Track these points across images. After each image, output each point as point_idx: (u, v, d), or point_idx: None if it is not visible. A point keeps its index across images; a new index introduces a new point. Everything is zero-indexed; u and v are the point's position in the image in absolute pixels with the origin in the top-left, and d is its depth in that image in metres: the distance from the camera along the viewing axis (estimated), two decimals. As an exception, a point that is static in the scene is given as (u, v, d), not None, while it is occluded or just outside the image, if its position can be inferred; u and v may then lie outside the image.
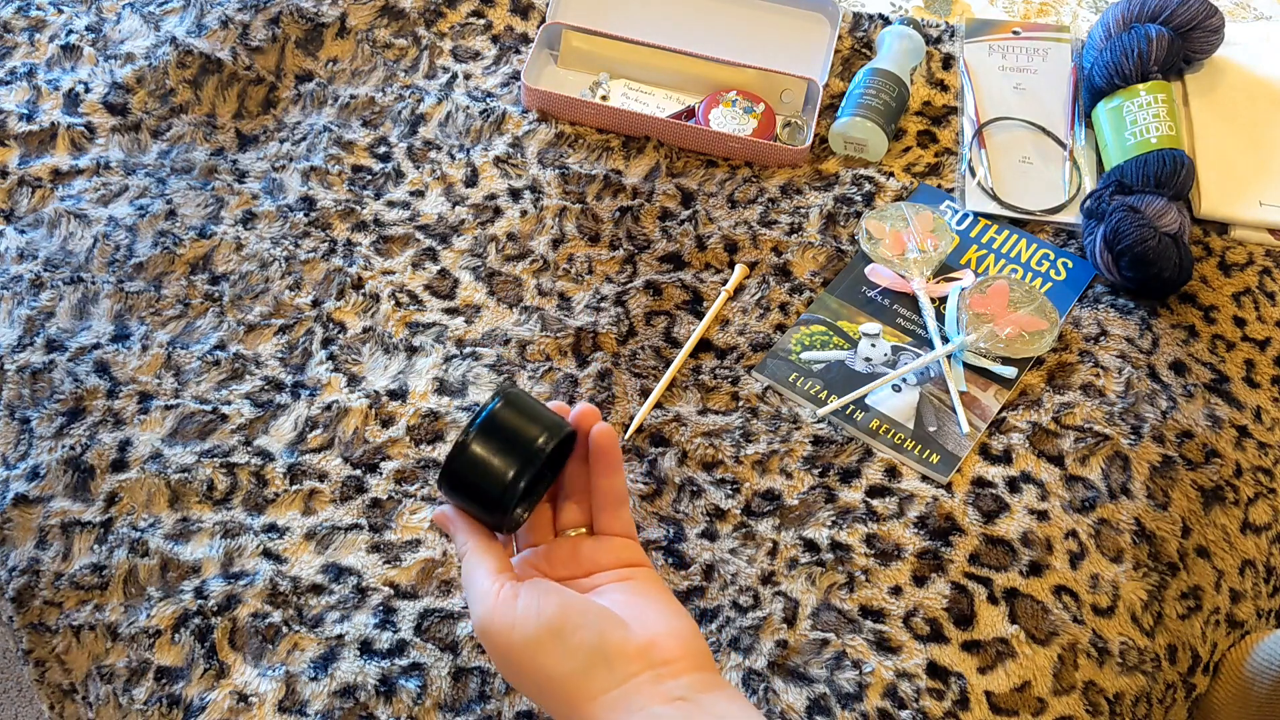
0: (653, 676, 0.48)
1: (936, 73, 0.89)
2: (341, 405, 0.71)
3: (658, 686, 0.47)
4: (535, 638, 0.48)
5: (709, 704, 0.47)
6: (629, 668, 0.48)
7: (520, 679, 0.49)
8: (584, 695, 0.47)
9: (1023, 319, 0.74)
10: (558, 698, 0.48)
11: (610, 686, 0.47)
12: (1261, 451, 0.72)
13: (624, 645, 0.48)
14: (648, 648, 0.49)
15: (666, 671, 0.48)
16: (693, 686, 0.48)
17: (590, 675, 0.48)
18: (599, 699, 0.47)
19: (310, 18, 0.89)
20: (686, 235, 0.80)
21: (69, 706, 0.62)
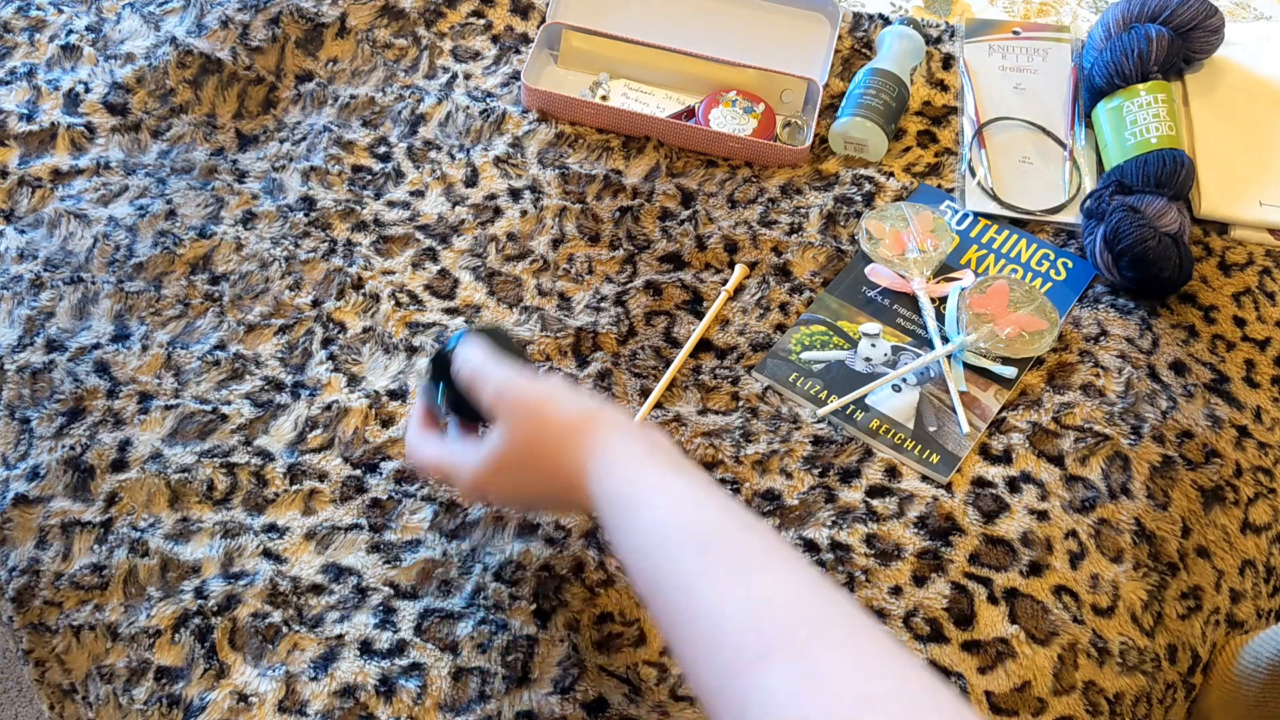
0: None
1: (936, 73, 0.89)
2: (341, 405, 0.71)
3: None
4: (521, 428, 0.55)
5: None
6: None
7: (525, 475, 0.55)
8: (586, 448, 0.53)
9: (1023, 319, 0.74)
10: (561, 474, 0.53)
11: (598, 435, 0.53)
12: (1261, 451, 0.72)
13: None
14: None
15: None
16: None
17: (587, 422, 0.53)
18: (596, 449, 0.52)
19: (310, 18, 0.89)
20: (686, 235, 0.80)
21: (69, 706, 0.62)
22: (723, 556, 0.46)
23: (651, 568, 0.47)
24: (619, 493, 0.50)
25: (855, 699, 0.38)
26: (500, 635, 0.62)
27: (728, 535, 0.47)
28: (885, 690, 0.39)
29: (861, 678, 0.39)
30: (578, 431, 0.53)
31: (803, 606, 0.43)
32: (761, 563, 0.45)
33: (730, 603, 0.43)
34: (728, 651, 0.42)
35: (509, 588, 0.64)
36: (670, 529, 0.48)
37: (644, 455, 0.51)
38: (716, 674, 0.42)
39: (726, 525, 0.47)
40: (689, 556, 0.46)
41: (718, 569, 0.45)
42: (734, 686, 0.41)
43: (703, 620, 0.44)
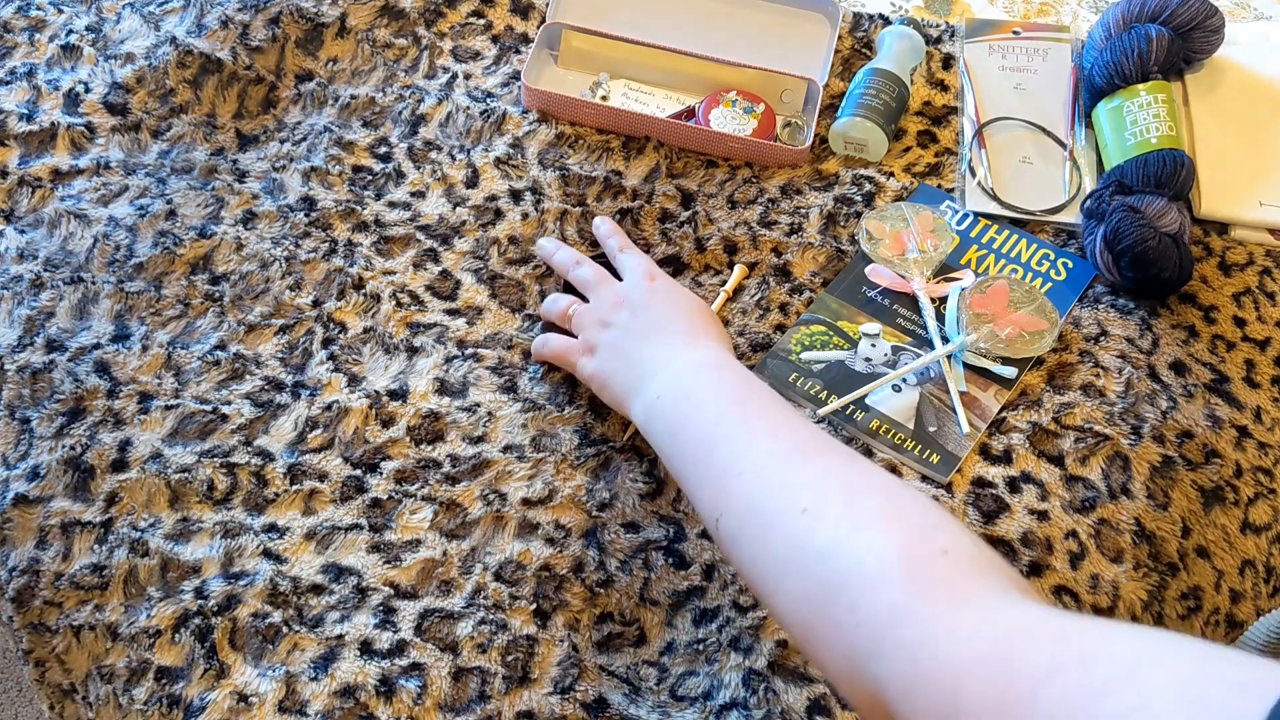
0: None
1: (936, 73, 0.89)
2: (342, 405, 0.71)
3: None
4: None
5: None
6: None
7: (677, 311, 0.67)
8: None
9: (1023, 319, 0.74)
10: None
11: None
12: (1261, 451, 0.72)
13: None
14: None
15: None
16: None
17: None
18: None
19: (310, 18, 0.89)
20: (686, 238, 0.80)
21: (69, 706, 0.62)
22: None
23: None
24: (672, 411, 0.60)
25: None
26: (500, 635, 0.62)
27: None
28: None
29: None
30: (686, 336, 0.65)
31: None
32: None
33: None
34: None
35: (509, 588, 0.64)
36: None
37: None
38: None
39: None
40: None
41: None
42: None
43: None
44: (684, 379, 0.61)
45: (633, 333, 0.66)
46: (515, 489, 0.68)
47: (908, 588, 0.42)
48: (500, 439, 0.70)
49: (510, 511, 0.67)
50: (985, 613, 0.40)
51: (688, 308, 0.68)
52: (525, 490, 0.68)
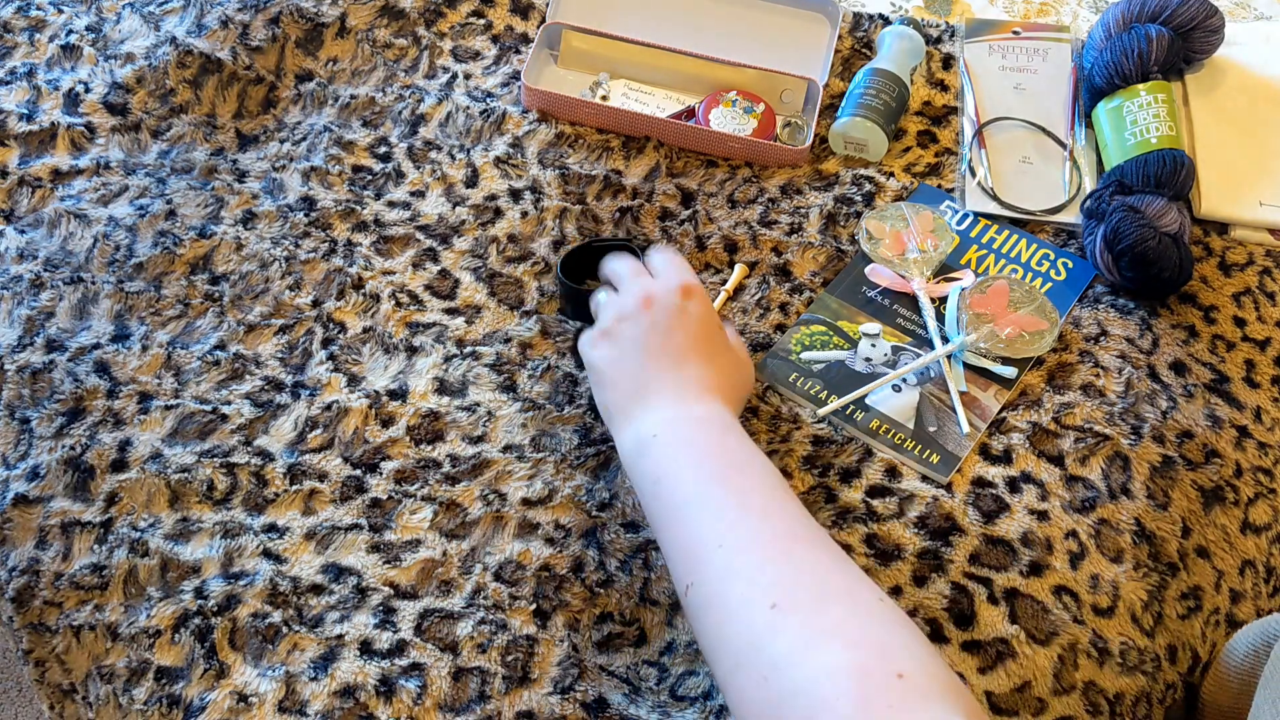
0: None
1: (936, 73, 0.89)
2: (341, 405, 0.71)
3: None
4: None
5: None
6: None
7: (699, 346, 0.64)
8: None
9: (1023, 319, 0.74)
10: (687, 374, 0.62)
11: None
12: (1261, 451, 0.72)
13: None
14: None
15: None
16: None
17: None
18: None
19: (310, 18, 0.89)
20: (686, 235, 0.80)
21: (69, 706, 0.62)
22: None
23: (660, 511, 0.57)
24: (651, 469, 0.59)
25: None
26: (500, 635, 0.62)
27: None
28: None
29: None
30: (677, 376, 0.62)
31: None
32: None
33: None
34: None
35: (509, 588, 0.64)
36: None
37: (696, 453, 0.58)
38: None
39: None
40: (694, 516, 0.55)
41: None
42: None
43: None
44: (685, 428, 0.59)
45: (650, 345, 0.63)
46: (515, 489, 0.68)
47: (857, 713, 0.42)
48: (500, 439, 0.70)
49: (510, 511, 0.67)
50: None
51: (712, 347, 0.64)
52: (525, 490, 0.68)
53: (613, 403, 0.63)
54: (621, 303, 0.66)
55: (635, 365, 0.63)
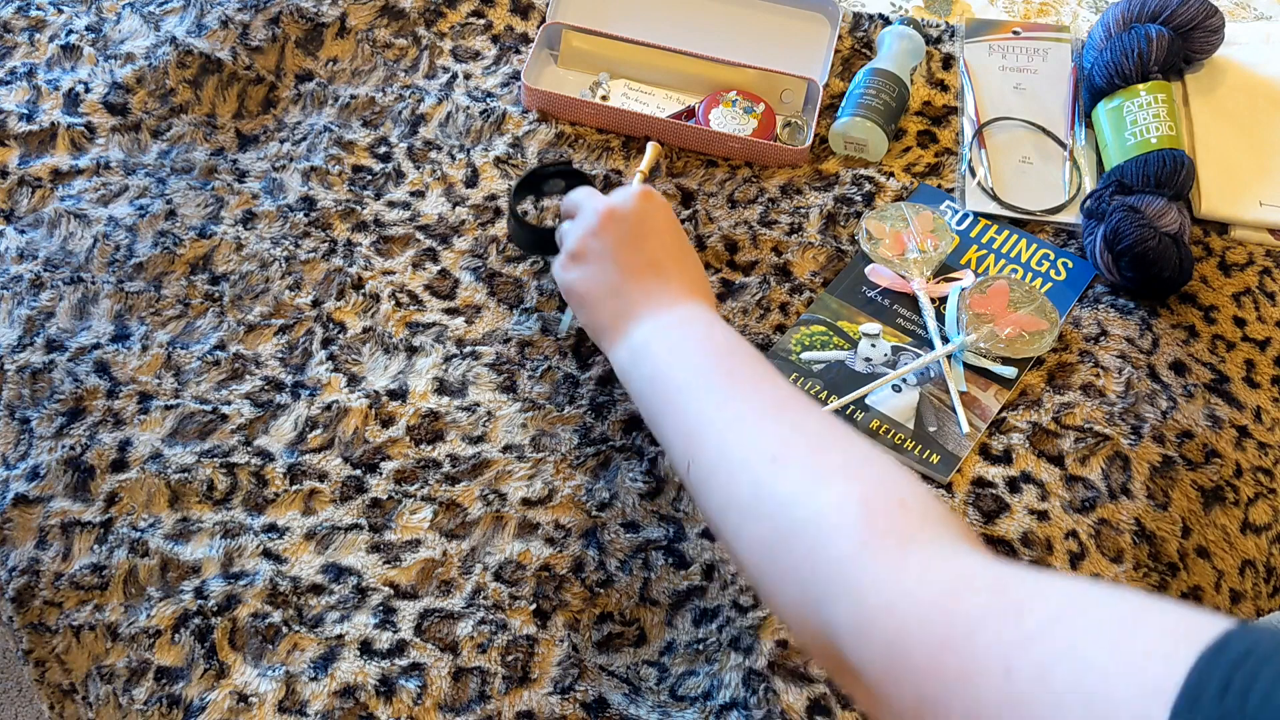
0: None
1: (936, 73, 0.89)
2: (341, 405, 0.71)
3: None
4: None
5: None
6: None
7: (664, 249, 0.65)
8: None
9: (1023, 319, 0.74)
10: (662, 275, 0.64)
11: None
12: (1261, 451, 0.72)
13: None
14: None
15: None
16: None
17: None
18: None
19: (310, 18, 0.89)
20: (687, 234, 0.80)
21: (69, 706, 0.62)
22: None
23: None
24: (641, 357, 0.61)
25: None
26: (500, 635, 0.62)
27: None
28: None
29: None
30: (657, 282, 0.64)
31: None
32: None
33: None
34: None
35: (509, 588, 0.64)
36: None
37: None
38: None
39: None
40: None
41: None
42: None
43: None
44: (674, 330, 0.61)
45: (624, 259, 0.64)
46: (515, 489, 0.68)
47: (863, 535, 0.44)
48: (500, 439, 0.70)
49: (510, 511, 0.67)
50: (932, 560, 0.42)
51: (681, 250, 0.66)
52: (525, 490, 0.68)
53: (598, 322, 0.64)
54: (585, 222, 0.66)
55: (614, 280, 0.64)
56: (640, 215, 0.65)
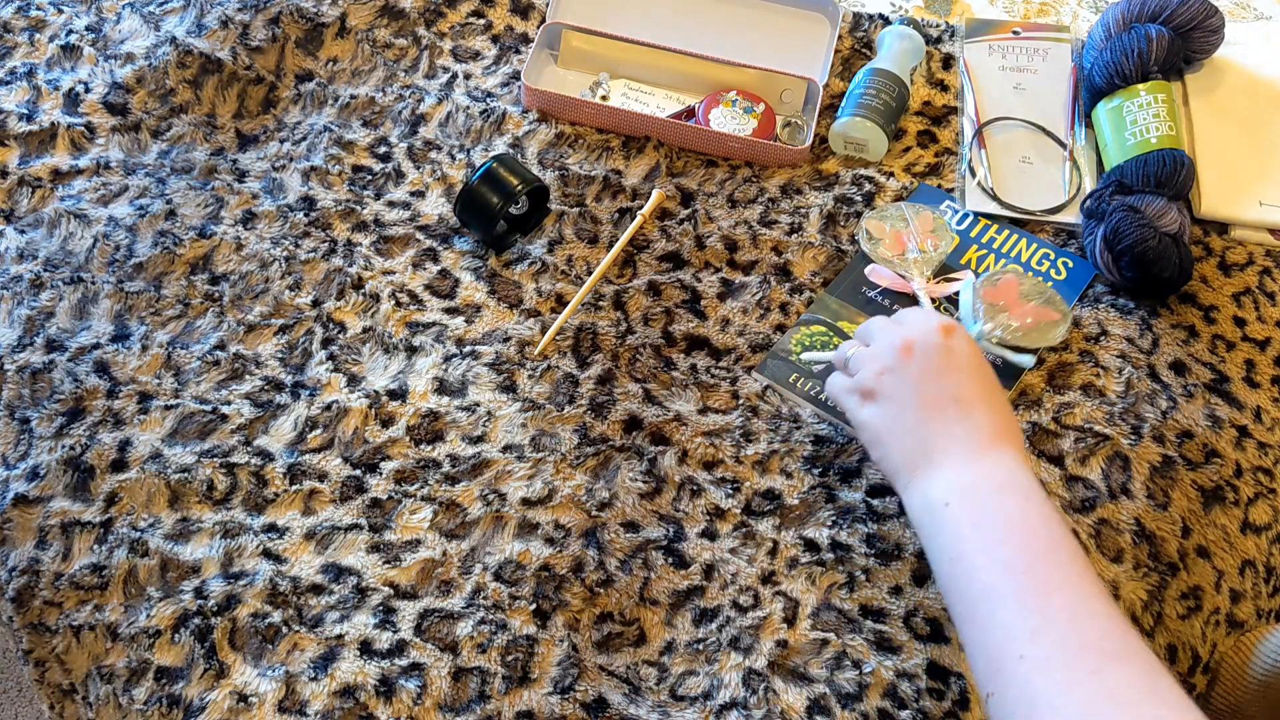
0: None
1: (936, 73, 0.89)
2: (341, 405, 0.71)
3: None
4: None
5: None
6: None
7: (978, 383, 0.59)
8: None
9: (1035, 310, 0.74)
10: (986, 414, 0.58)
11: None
12: (1261, 451, 0.72)
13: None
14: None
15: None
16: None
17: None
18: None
19: (310, 18, 0.89)
20: (686, 235, 0.80)
21: (69, 706, 0.62)
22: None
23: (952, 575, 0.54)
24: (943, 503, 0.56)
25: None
26: (500, 635, 0.62)
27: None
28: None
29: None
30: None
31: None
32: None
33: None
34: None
35: (509, 588, 0.64)
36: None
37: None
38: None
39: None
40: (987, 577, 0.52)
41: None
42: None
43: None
44: (979, 495, 0.55)
45: (921, 395, 0.59)
46: (515, 489, 0.68)
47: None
48: (500, 439, 0.70)
49: (510, 511, 0.67)
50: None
51: (986, 386, 0.59)
52: (525, 490, 0.68)
53: (892, 462, 0.59)
54: (881, 357, 0.61)
55: (912, 420, 0.58)
56: (943, 349, 0.59)
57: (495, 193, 0.76)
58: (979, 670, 0.50)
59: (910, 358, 0.60)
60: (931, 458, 0.57)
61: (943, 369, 0.59)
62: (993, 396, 0.59)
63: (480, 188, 0.76)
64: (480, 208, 0.76)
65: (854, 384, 0.63)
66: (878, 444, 0.60)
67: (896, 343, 0.61)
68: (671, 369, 0.74)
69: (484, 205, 0.76)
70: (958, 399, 0.58)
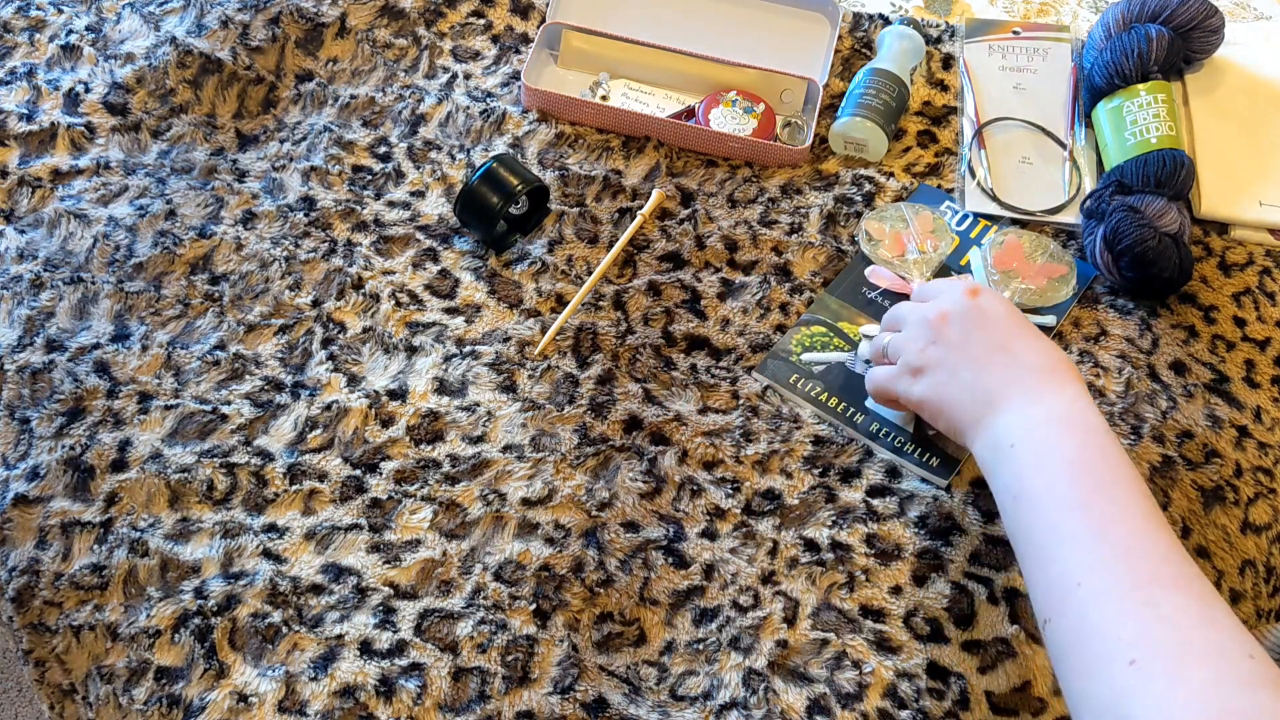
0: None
1: (936, 73, 0.89)
2: (341, 405, 0.71)
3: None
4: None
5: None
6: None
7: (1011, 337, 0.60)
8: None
9: (1044, 268, 0.76)
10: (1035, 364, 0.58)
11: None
12: (1261, 451, 0.72)
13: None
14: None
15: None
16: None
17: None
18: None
19: (310, 18, 0.89)
20: (686, 235, 0.80)
21: (69, 706, 0.62)
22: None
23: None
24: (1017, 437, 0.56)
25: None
26: (500, 635, 0.62)
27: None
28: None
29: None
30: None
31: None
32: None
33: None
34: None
35: (509, 588, 0.64)
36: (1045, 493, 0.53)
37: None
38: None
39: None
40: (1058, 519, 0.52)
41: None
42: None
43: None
44: (1041, 433, 0.56)
45: (968, 353, 0.60)
46: (515, 489, 0.68)
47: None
48: (500, 439, 0.70)
49: (510, 511, 0.67)
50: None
51: (1027, 331, 0.60)
52: (525, 490, 0.68)
53: (958, 423, 0.60)
54: (918, 334, 0.63)
55: (968, 378, 0.60)
56: (975, 310, 0.61)
57: (495, 193, 0.76)
58: (1038, 600, 0.51)
59: (947, 324, 0.61)
60: (994, 405, 0.58)
61: (982, 325, 0.61)
62: (1038, 339, 0.60)
63: (480, 188, 0.76)
64: (480, 208, 0.76)
65: (900, 367, 0.64)
66: (940, 414, 0.61)
67: (930, 316, 0.62)
68: (671, 369, 0.74)
69: (484, 205, 0.76)
70: (1004, 347, 0.59)
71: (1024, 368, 0.58)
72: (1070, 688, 0.48)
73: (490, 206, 0.75)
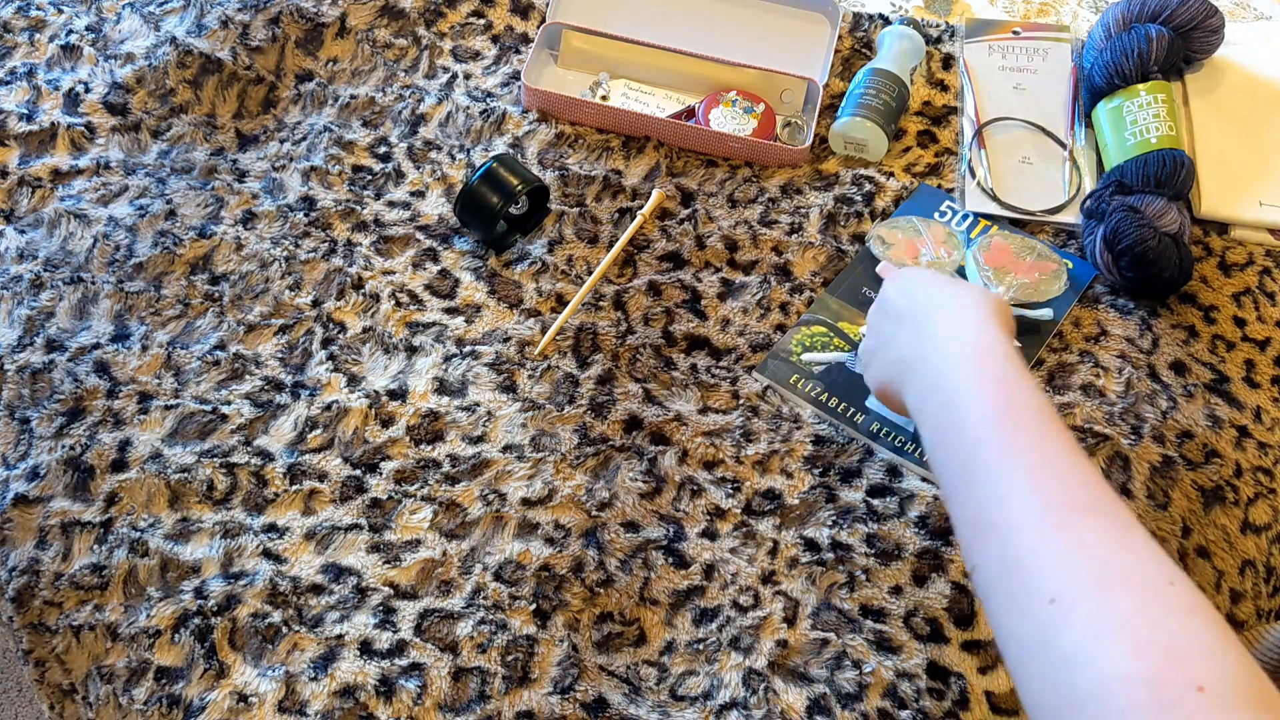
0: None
1: (936, 73, 0.89)
2: (341, 405, 0.71)
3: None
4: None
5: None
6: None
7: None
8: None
9: (1034, 265, 0.76)
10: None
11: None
12: (1261, 451, 0.72)
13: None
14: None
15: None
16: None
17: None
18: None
19: (310, 18, 0.89)
20: (686, 235, 0.80)
21: (69, 706, 0.62)
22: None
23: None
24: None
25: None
26: (500, 635, 0.62)
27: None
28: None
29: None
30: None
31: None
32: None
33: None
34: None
35: (509, 588, 0.64)
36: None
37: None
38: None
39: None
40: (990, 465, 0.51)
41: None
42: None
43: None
44: (949, 375, 0.56)
45: (895, 329, 0.62)
46: (515, 489, 0.68)
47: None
48: (500, 439, 0.70)
49: (510, 511, 0.67)
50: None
51: (954, 283, 0.62)
52: (525, 490, 0.68)
53: (897, 396, 0.61)
54: (868, 330, 0.67)
55: (895, 351, 0.61)
56: (895, 290, 0.64)
57: (495, 193, 0.76)
58: (964, 543, 0.51)
59: (877, 314, 0.65)
60: (909, 363, 0.59)
61: (904, 302, 0.63)
62: (952, 291, 0.61)
63: (480, 188, 0.76)
64: (480, 208, 0.76)
65: (863, 367, 0.67)
66: (887, 396, 0.63)
67: (872, 310, 0.67)
68: (672, 369, 0.74)
69: (484, 205, 0.76)
70: (924, 315, 0.60)
71: (938, 325, 0.59)
72: (994, 626, 0.48)
73: (490, 206, 0.75)
